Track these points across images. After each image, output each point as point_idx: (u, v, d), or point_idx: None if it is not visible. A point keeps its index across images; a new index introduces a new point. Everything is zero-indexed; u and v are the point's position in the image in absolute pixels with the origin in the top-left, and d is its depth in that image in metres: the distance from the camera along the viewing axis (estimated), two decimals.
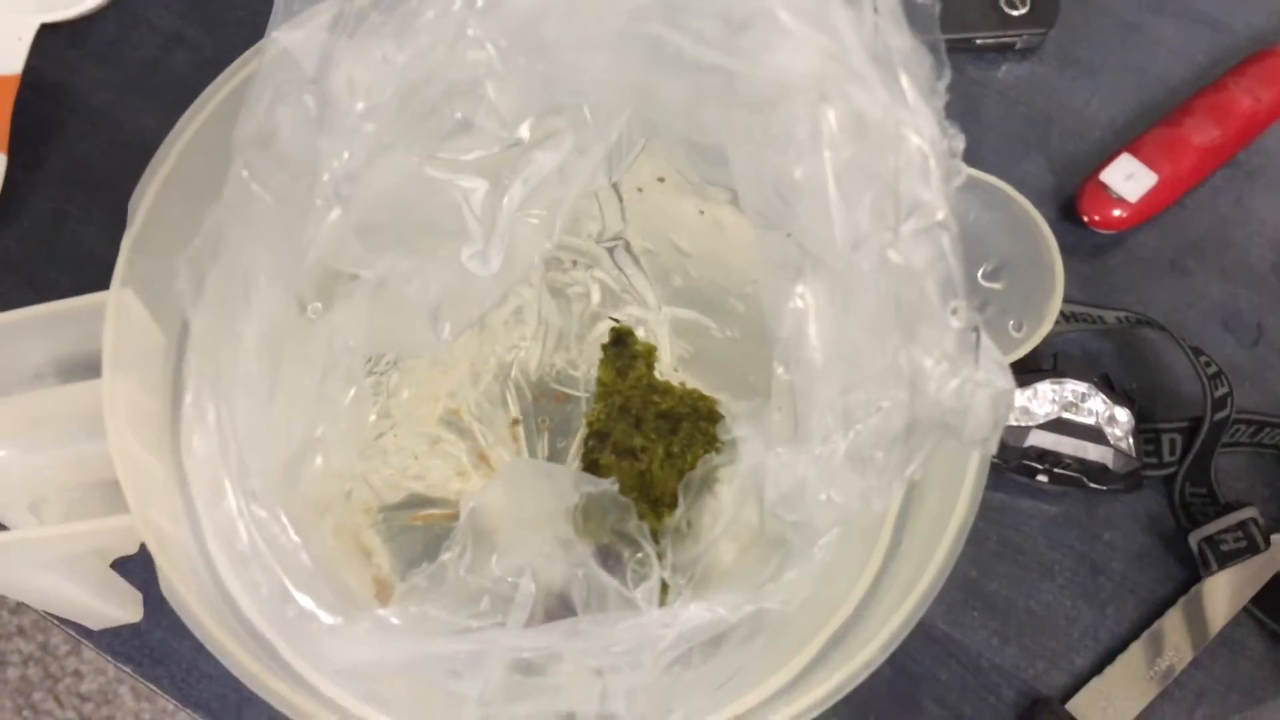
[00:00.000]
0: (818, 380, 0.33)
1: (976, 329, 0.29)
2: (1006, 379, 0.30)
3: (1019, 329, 0.36)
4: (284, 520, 0.32)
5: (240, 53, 0.66)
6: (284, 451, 0.35)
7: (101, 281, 0.60)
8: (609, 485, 0.37)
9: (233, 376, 0.33)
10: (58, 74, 0.65)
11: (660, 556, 0.34)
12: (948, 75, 0.30)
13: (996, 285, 0.36)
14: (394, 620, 0.32)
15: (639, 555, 0.34)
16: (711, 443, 0.47)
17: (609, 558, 0.35)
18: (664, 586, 0.36)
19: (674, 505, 0.45)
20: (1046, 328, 0.36)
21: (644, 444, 0.47)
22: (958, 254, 0.29)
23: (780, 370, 0.34)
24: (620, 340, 0.50)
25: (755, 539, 0.37)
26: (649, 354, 0.50)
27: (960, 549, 0.36)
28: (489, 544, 0.34)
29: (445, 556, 0.34)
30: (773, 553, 0.33)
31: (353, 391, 0.36)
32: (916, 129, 0.29)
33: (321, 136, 0.31)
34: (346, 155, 0.31)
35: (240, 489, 0.33)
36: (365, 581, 0.48)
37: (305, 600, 0.32)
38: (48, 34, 0.63)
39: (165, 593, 0.34)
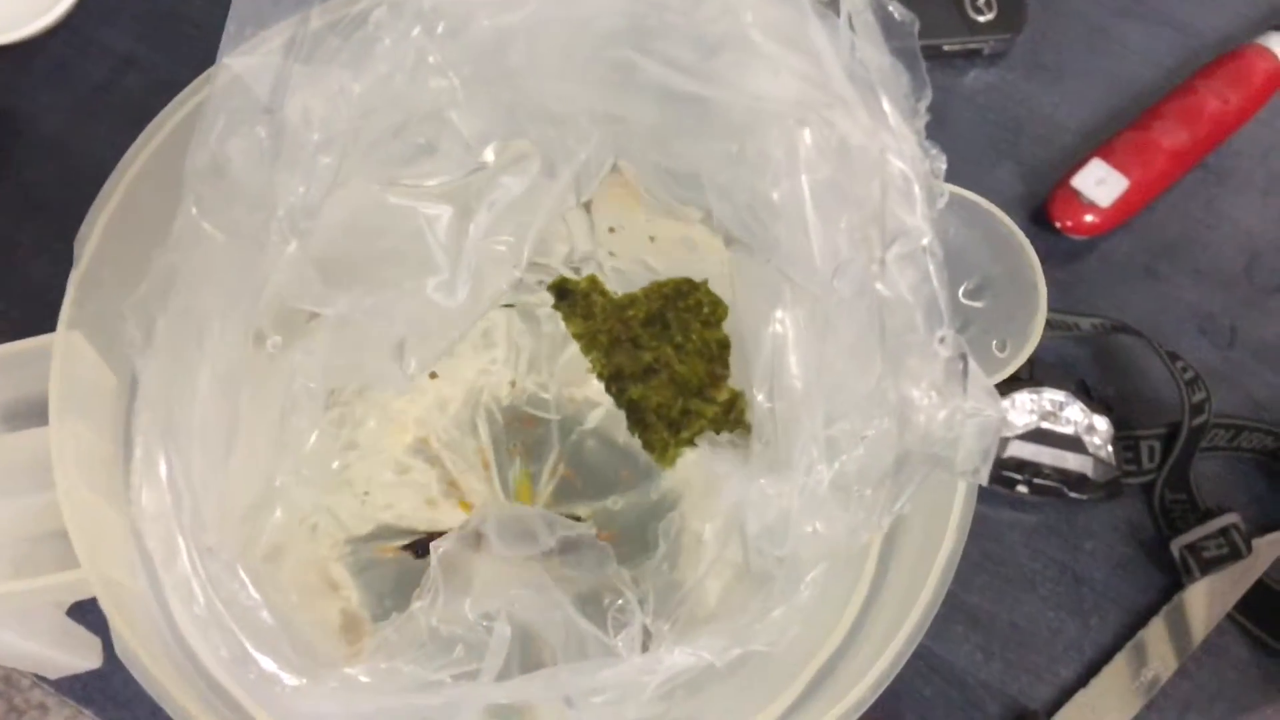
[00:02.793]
0: (799, 408, 0.32)
1: (964, 356, 0.28)
2: (996, 407, 0.29)
3: (1003, 348, 0.35)
4: (243, 576, 0.31)
5: (195, 74, 0.65)
6: (242, 503, 0.33)
7: (55, 315, 0.58)
8: (585, 529, 0.35)
9: (187, 425, 0.32)
10: (4, 99, 0.63)
11: (642, 602, 0.33)
12: (928, 95, 0.29)
13: (978, 304, 0.35)
14: (363, 678, 0.30)
15: (619, 602, 0.33)
16: (699, 310, 0.46)
17: (588, 604, 0.33)
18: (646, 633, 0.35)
19: (719, 379, 0.45)
20: (1031, 347, 0.35)
21: (653, 355, 0.46)
22: (944, 280, 0.28)
23: (760, 398, 0.33)
24: (563, 292, 0.49)
25: (739, 576, 0.35)
26: (593, 283, 0.49)
27: (950, 580, 0.35)
28: (462, 589, 0.33)
29: (416, 606, 0.33)
30: (757, 590, 0.32)
31: (313, 437, 0.35)
32: (899, 152, 0.28)
33: (277, 170, 0.30)
34: (303, 189, 0.30)
35: (195, 546, 0.31)
36: (332, 617, 0.46)
37: (267, 662, 0.30)
38: None
39: (120, 654, 0.33)
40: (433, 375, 0.50)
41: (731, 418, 0.45)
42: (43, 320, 0.58)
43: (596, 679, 0.30)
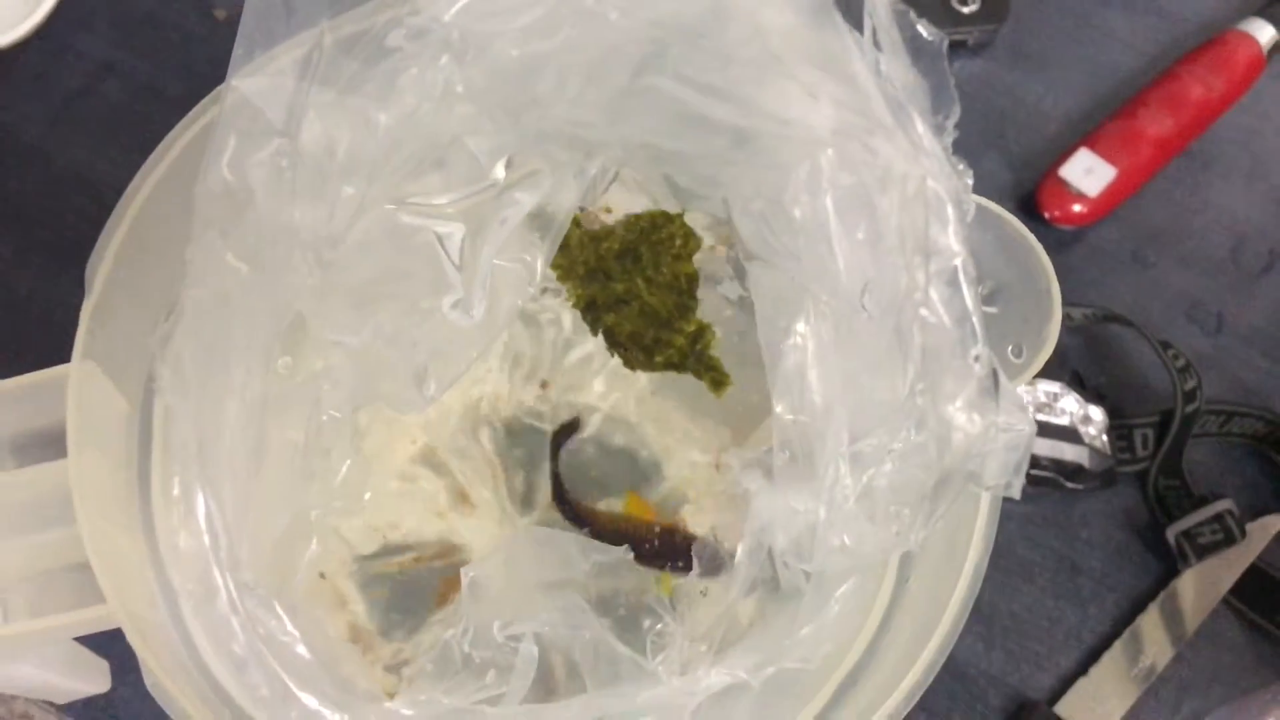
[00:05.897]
0: (822, 421, 0.32)
1: (995, 372, 0.29)
2: (1028, 421, 0.29)
3: (1018, 354, 0.35)
4: (280, 612, 0.30)
5: (176, 79, 0.64)
6: (272, 534, 0.33)
7: (39, 326, 0.57)
8: (622, 554, 0.35)
9: (216, 459, 0.31)
10: None
11: (680, 625, 0.33)
12: (956, 111, 0.29)
13: (992, 309, 0.35)
14: (404, 711, 0.30)
15: (659, 626, 0.33)
16: (671, 244, 0.45)
17: (625, 628, 0.33)
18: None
19: (687, 311, 0.45)
20: (1047, 352, 0.35)
21: (625, 286, 0.46)
22: (977, 299, 0.28)
23: (780, 409, 0.33)
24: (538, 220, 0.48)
25: (770, 594, 0.35)
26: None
27: (978, 589, 0.35)
28: (492, 612, 0.33)
29: (448, 635, 0.32)
30: (788, 606, 0.32)
31: (345, 468, 0.34)
32: (933, 173, 0.28)
33: (298, 200, 0.29)
34: (327, 220, 0.29)
35: (233, 582, 0.31)
36: (340, 632, 0.46)
37: (310, 700, 0.30)
38: None
39: (150, 687, 0.32)
40: None
41: (697, 349, 0.45)
42: (28, 332, 0.57)
43: (637, 702, 0.30)
